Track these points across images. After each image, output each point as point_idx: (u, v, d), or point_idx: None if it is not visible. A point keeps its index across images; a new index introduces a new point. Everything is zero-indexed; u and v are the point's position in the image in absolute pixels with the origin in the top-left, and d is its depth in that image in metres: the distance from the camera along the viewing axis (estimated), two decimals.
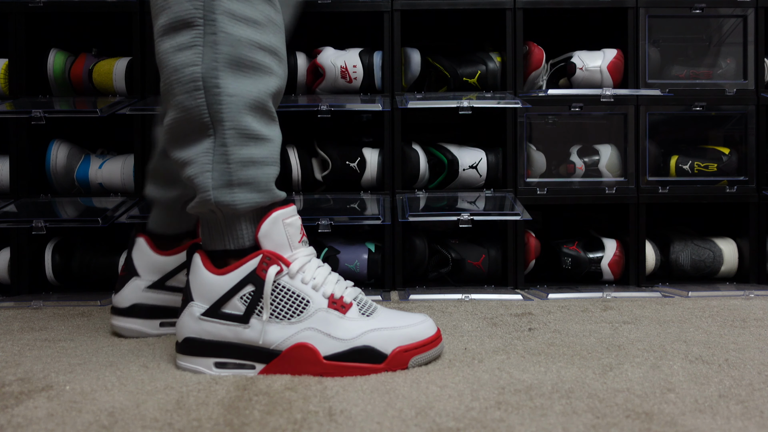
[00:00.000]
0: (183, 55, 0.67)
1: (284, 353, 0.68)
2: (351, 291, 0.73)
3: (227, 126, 0.67)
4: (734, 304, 1.11)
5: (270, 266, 0.68)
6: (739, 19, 1.39)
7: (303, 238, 0.73)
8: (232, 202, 0.68)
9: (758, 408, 0.57)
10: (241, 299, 0.69)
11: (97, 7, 1.32)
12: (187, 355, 0.71)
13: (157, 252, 0.87)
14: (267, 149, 0.70)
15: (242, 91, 0.68)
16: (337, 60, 1.34)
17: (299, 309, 0.69)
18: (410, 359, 0.70)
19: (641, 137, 1.36)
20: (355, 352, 0.68)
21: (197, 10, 0.66)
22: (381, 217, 1.25)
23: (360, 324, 0.69)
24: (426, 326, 0.72)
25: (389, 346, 0.69)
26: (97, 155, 1.37)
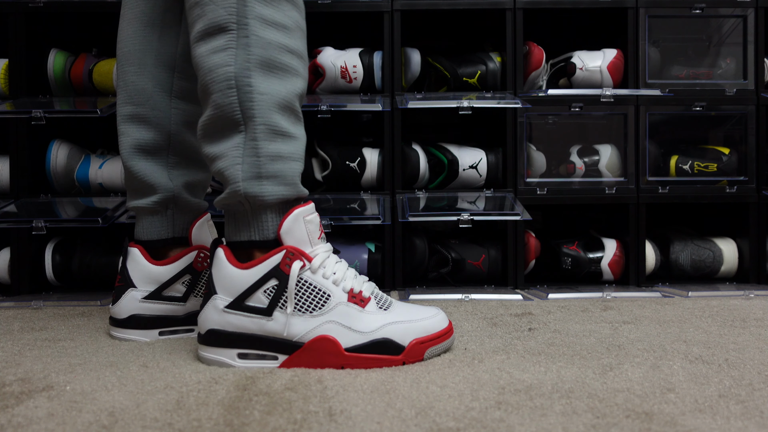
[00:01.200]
0: (217, 57, 0.71)
1: (307, 345, 0.71)
2: (368, 285, 0.76)
3: (258, 122, 0.71)
4: (734, 304, 1.11)
5: (294, 261, 0.71)
6: (738, 19, 1.39)
7: (321, 234, 0.76)
8: (261, 194, 0.72)
9: (758, 408, 0.57)
10: (264, 293, 0.71)
11: (97, 7, 1.32)
12: (210, 346, 0.73)
13: (151, 262, 0.87)
14: (293, 146, 0.74)
15: (272, 91, 0.72)
16: (337, 60, 1.34)
17: (321, 303, 0.72)
18: (426, 350, 0.74)
19: (641, 137, 1.36)
20: (375, 344, 0.71)
21: (231, 16, 0.70)
22: (381, 217, 1.25)
23: (378, 317, 0.73)
24: (439, 319, 0.76)
25: (406, 339, 0.72)
26: (97, 155, 1.37)
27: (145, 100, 0.88)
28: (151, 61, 0.88)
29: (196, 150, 0.92)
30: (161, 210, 0.90)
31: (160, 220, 0.90)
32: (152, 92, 0.88)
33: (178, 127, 0.89)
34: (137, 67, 0.88)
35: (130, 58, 0.88)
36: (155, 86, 0.88)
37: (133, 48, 0.88)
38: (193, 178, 0.92)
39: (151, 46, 0.88)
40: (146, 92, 0.88)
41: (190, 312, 0.89)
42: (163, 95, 0.88)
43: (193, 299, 0.89)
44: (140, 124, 0.88)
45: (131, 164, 0.88)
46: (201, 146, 0.75)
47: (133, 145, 0.88)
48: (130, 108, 0.88)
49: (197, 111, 0.91)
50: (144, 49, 0.88)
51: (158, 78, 0.88)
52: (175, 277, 0.87)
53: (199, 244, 0.89)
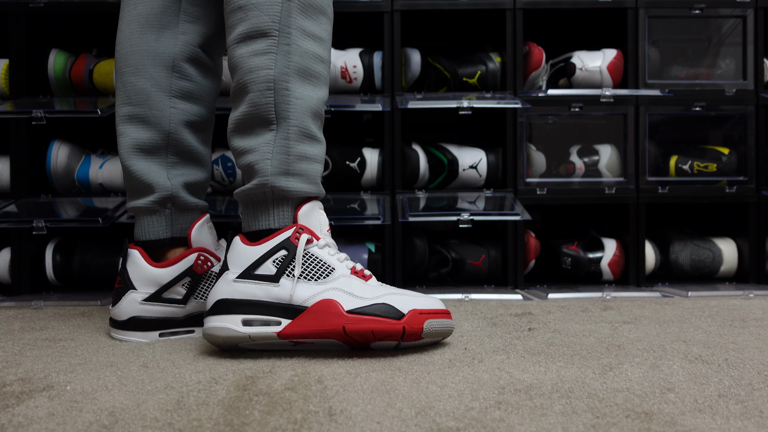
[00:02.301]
0: (258, 60, 0.76)
1: (310, 308, 0.74)
2: (368, 272, 0.81)
3: (292, 123, 0.77)
4: (734, 304, 1.11)
5: (302, 235, 0.76)
6: (738, 20, 1.39)
7: (329, 230, 0.81)
8: (287, 188, 0.77)
9: (757, 408, 0.57)
10: (273, 262, 0.75)
11: (98, 7, 1.32)
12: (216, 314, 0.75)
13: (151, 264, 0.87)
14: (318, 149, 0.80)
15: (306, 96, 0.78)
16: (337, 60, 1.34)
17: (325, 273, 0.76)
18: (425, 321, 0.75)
19: (641, 137, 1.36)
20: (376, 306, 0.74)
21: (274, 24, 0.76)
22: (381, 217, 1.25)
23: (380, 289, 0.77)
24: (437, 301, 0.80)
25: (406, 307, 0.75)
26: (97, 155, 1.37)
27: (143, 101, 0.88)
28: (150, 61, 0.88)
29: (194, 150, 0.92)
30: (159, 209, 0.90)
31: (159, 220, 0.90)
32: (151, 92, 0.88)
33: (177, 126, 0.90)
34: (135, 67, 0.88)
35: (128, 59, 0.89)
36: (154, 86, 0.88)
37: (132, 49, 0.88)
38: (191, 178, 0.92)
39: (149, 46, 0.88)
40: (145, 92, 0.88)
41: (190, 314, 0.89)
42: (162, 95, 0.89)
43: (193, 301, 0.89)
44: (139, 124, 0.88)
45: (130, 164, 0.89)
46: (230, 140, 0.80)
47: (131, 145, 0.88)
48: (128, 108, 0.89)
49: (196, 111, 0.91)
50: (142, 50, 0.88)
51: (157, 78, 0.88)
52: (175, 280, 0.87)
53: (198, 246, 0.89)
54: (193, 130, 0.91)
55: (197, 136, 0.92)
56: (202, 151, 0.93)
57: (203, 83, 0.92)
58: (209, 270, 0.89)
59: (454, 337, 0.87)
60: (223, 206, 1.32)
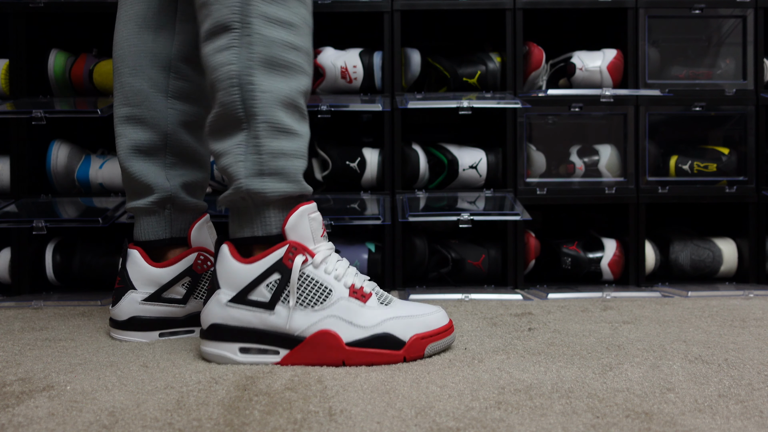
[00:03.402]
0: (221, 56, 0.72)
1: (308, 339, 0.71)
2: (369, 284, 0.77)
3: (260, 120, 0.72)
4: (734, 304, 1.11)
5: (296, 256, 0.72)
6: (738, 20, 1.39)
7: (324, 233, 0.77)
8: (263, 190, 0.72)
9: (757, 407, 0.57)
10: (267, 287, 0.72)
11: (98, 7, 1.32)
12: (212, 340, 0.73)
13: (151, 264, 0.87)
14: (296, 143, 0.74)
15: (275, 88, 0.72)
16: (337, 60, 1.34)
17: (322, 297, 0.72)
18: (427, 346, 0.74)
19: (641, 137, 1.36)
20: (376, 338, 0.71)
21: (234, 15, 0.71)
22: (381, 217, 1.25)
23: (379, 312, 0.73)
24: (440, 316, 0.77)
25: (407, 334, 0.73)
26: (97, 155, 1.37)
27: (141, 101, 0.88)
28: (147, 62, 0.88)
29: (193, 150, 0.92)
30: (159, 210, 0.90)
31: (158, 221, 0.90)
32: (148, 93, 0.88)
33: (175, 127, 0.89)
34: (133, 68, 0.88)
35: (125, 60, 0.89)
36: (151, 87, 0.88)
37: (129, 50, 0.88)
38: (190, 178, 0.92)
39: (147, 47, 0.88)
40: (142, 93, 0.88)
41: (190, 314, 0.89)
42: (159, 96, 0.89)
43: (193, 301, 0.89)
44: (137, 125, 0.88)
45: (128, 165, 0.88)
46: (207, 143, 0.76)
47: (129, 146, 0.88)
48: (126, 109, 0.88)
49: (194, 111, 0.91)
50: (139, 51, 0.88)
51: (154, 79, 0.88)
52: (175, 279, 0.87)
53: (198, 245, 0.89)
54: (191, 131, 0.91)
55: (195, 136, 0.92)
56: (201, 151, 0.93)
57: (201, 83, 0.92)
58: (209, 269, 0.89)
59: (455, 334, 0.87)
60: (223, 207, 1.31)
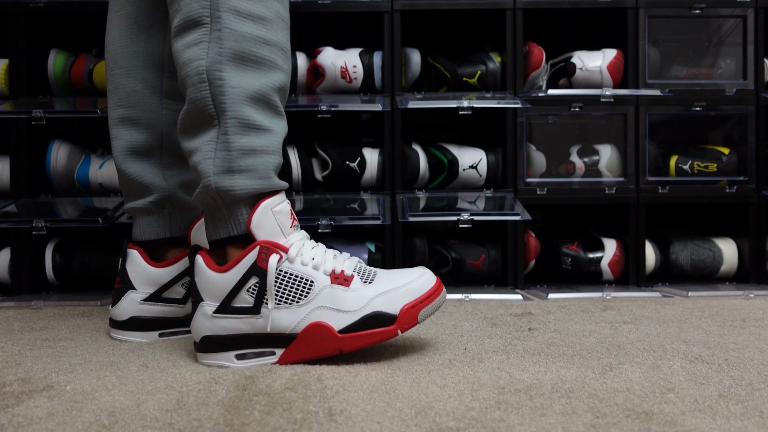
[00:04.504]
0: (191, 51, 0.71)
1: (300, 335, 0.71)
2: (349, 263, 0.76)
3: (229, 116, 0.71)
4: (734, 304, 1.11)
5: (270, 256, 0.71)
6: (738, 20, 1.39)
7: (294, 222, 0.75)
8: (231, 188, 0.71)
9: (758, 408, 0.57)
10: (248, 292, 0.71)
11: (98, 7, 1.32)
12: (207, 353, 0.73)
13: (151, 264, 0.87)
14: (267, 139, 0.73)
15: (244, 84, 0.71)
16: (337, 60, 1.34)
17: (305, 291, 0.72)
18: (419, 313, 0.74)
19: (641, 137, 1.36)
20: (367, 319, 0.71)
21: (204, 9, 0.70)
22: (381, 217, 1.25)
23: (365, 292, 0.73)
24: (426, 279, 0.76)
25: (397, 307, 0.72)
26: (97, 155, 1.37)
27: (135, 102, 0.87)
28: (140, 62, 0.87)
29: None
30: (157, 210, 0.90)
31: (157, 220, 0.90)
32: (142, 94, 0.87)
33: (170, 127, 0.89)
34: (126, 69, 0.87)
35: (118, 61, 0.88)
36: (145, 88, 0.88)
37: (121, 50, 0.88)
38: (188, 177, 0.92)
39: (139, 47, 0.87)
40: (136, 94, 0.87)
41: (190, 314, 0.89)
42: (154, 96, 0.88)
43: None
44: (132, 126, 0.88)
45: (125, 167, 0.88)
46: (180, 141, 0.75)
47: (125, 147, 0.88)
48: (121, 111, 0.88)
49: None
50: (132, 51, 0.87)
51: (148, 79, 0.88)
52: (175, 279, 0.87)
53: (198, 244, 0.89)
54: None
55: None
56: None
57: None
58: None
59: (454, 337, 0.87)
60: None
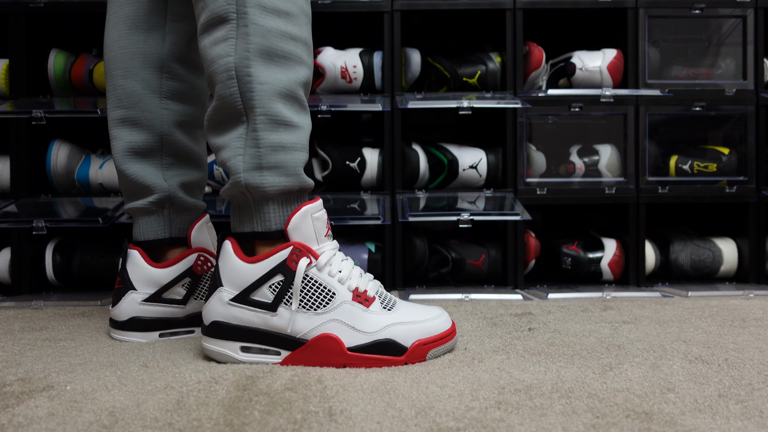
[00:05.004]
0: (219, 48, 0.71)
1: (310, 342, 0.71)
2: (373, 285, 0.76)
3: (258, 112, 0.71)
4: (734, 304, 1.11)
5: (300, 258, 0.71)
6: (738, 20, 1.39)
7: (329, 232, 0.76)
8: (261, 185, 0.71)
9: (757, 407, 0.57)
10: (270, 288, 0.72)
11: (98, 7, 1.32)
12: (214, 338, 0.73)
13: (151, 265, 0.87)
14: (296, 136, 0.73)
15: (273, 80, 0.71)
16: (337, 60, 1.34)
17: (325, 301, 0.72)
18: (429, 352, 0.74)
19: (641, 137, 1.36)
20: (378, 344, 0.71)
21: (230, 5, 0.70)
22: (381, 217, 1.25)
23: (382, 318, 0.73)
24: (443, 320, 0.76)
25: (409, 340, 0.72)
26: (97, 155, 1.37)
27: (134, 103, 0.87)
28: (139, 63, 0.87)
29: (189, 150, 0.92)
30: (157, 210, 0.90)
31: (157, 221, 0.90)
32: (141, 94, 0.87)
33: (170, 127, 0.89)
34: (125, 70, 0.87)
35: (117, 62, 0.88)
36: (144, 88, 0.88)
37: (120, 51, 0.88)
38: (188, 177, 0.92)
39: (138, 48, 0.87)
40: (136, 95, 0.87)
41: (190, 314, 0.90)
42: (153, 97, 0.88)
43: (193, 302, 0.89)
44: (132, 127, 0.88)
45: (125, 168, 0.88)
46: (207, 137, 0.76)
47: (125, 148, 0.88)
48: (120, 112, 0.88)
49: (188, 111, 0.91)
50: (131, 52, 0.87)
51: (147, 80, 0.88)
52: (175, 280, 0.87)
53: (198, 246, 0.89)
54: (187, 130, 0.91)
55: (191, 135, 0.92)
56: (197, 150, 0.93)
57: (194, 82, 0.91)
58: (209, 270, 0.89)
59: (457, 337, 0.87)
60: (223, 206, 1.32)
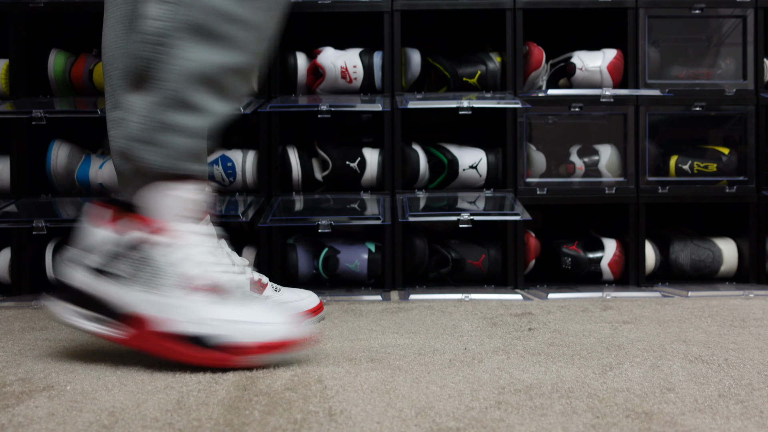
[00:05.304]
0: (155, 8, 0.68)
1: None
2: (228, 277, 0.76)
3: (170, 86, 0.69)
4: (734, 304, 1.11)
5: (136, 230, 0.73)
6: (738, 20, 1.39)
7: (199, 215, 0.74)
8: (140, 158, 0.70)
9: (758, 407, 0.57)
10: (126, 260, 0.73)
11: (98, 7, 1.31)
12: None
13: None
14: (199, 121, 0.71)
15: (197, 59, 0.68)
16: (337, 60, 1.34)
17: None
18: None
19: (641, 137, 1.36)
20: None
21: None
22: (381, 217, 1.25)
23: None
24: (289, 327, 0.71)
25: None
26: (97, 155, 1.37)
27: None
28: None
29: None
30: None
31: None
32: None
33: None
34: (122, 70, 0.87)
35: (114, 62, 0.87)
36: None
37: (117, 52, 0.87)
38: None
39: None
40: None
41: None
42: None
43: None
44: None
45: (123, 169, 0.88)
46: (121, 91, 0.74)
47: None
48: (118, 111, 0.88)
49: None
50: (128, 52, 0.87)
51: None
52: None
53: None
54: None
55: None
56: None
57: None
58: None
59: (454, 337, 0.87)
60: (223, 206, 1.32)
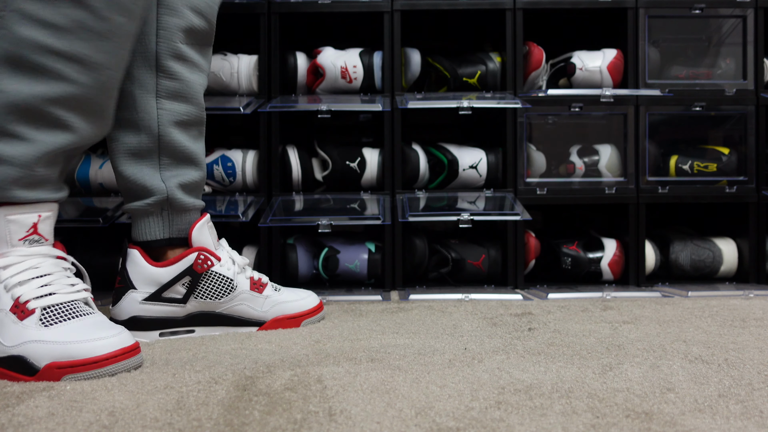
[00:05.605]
0: None
1: None
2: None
3: None
4: (734, 304, 1.11)
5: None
6: (738, 20, 1.39)
7: (28, 237, 0.82)
8: None
9: (758, 407, 0.57)
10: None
11: None
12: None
13: (151, 264, 0.87)
14: (18, 149, 0.71)
15: (11, 89, 0.69)
16: (337, 60, 1.34)
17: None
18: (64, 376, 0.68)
19: (641, 137, 1.36)
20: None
21: None
22: (381, 217, 1.25)
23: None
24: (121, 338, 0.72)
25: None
26: (97, 155, 1.37)
27: (130, 104, 0.87)
28: (132, 64, 0.86)
29: (187, 150, 0.90)
30: (156, 211, 0.90)
31: (156, 221, 0.90)
32: (136, 95, 0.87)
33: (166, 128, 0.88)
34: None
35: None
36: (139, 89, 0.87)
37: None
38: (186, 178, 0.91)
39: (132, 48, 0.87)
40: (131, 96, 0.87)
41: (190, 313, 0.90)
42: (148, 97, 0.87)
43: (193, 300, 0.89)
44: (128, 128, 0.87)
45: (122, 169, 0.88)
46: None
47: (122, 150, 0.88)
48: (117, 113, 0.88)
49: (185, 110, 0.90)
50: None
51: (141, 80, 0.87)
52: (176, 279, 0.87)
53: (199, 246, 0.89)
54: (184, 129, 0.90)
55: (188, 134, 0.91)
56: (195, 149, 0.92)
57: (189, 79, 0.89)
58: (210, 269, 0.89)
59: (454, 337, 0.87)
60: (223, 206, 1.31)
